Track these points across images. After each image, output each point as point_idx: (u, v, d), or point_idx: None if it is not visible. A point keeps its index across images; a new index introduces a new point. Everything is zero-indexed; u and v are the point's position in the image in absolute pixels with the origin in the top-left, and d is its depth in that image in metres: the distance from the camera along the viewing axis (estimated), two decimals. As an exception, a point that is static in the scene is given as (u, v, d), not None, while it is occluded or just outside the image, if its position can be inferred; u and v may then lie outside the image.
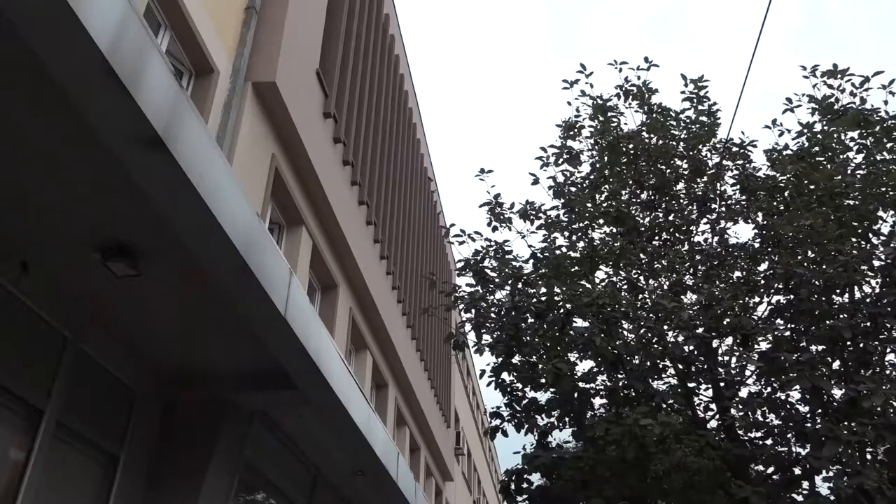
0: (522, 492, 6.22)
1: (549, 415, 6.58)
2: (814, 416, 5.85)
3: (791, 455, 6.08)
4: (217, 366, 6.41)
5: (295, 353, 5.62)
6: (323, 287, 11.52)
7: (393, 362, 14.75)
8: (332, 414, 6.82)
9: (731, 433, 6.02)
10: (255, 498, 7.90)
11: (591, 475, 5.82)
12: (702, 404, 6.81)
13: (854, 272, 5.90)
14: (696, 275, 7.76)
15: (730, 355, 6.78)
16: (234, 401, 6.65)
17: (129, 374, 5.97)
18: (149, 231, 4.51)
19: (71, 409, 5.23)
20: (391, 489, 9.29)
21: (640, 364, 6.39)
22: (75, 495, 5.41)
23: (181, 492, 6.16)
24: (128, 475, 5.83)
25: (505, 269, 7.01)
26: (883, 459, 5.68)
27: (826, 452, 4.76)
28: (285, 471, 8.55)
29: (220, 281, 4.75)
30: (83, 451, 5.46)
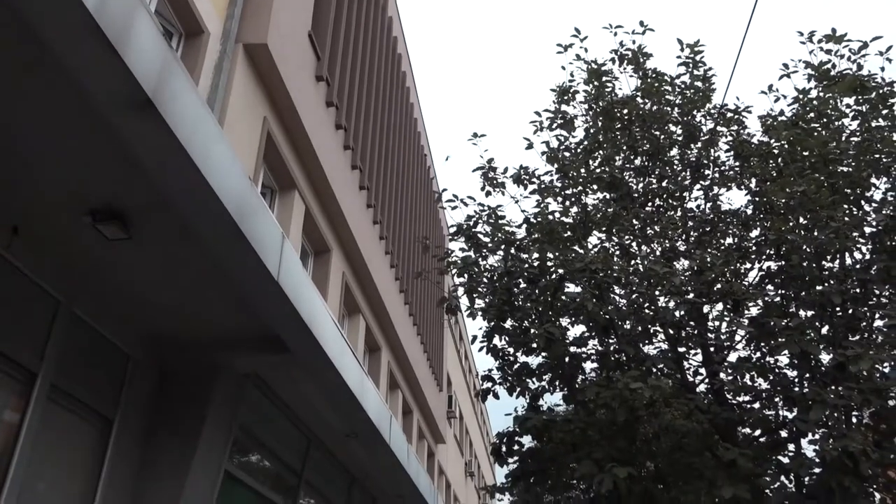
0: (513, 454, 6.31)
1: (541, 378, 6.64)
2: (801, 381, 5.93)
3: (778, 418, 6.18)
4: (210, 330, 6.43)
5: (287, 317, 5.64)
6: (315, 251, 11.51)
7: (386, 326, 14.82)
8: (325, 377, 6.87)
9: (720, 397, 6.11)
10: (249, 460, 7.99)
11: (581, 438, 5.91)
12: (691, 369, 6.90)
13: (845, 238, 5.93)
14: (689, 241, 7.79)
15: (720, 320, 6.84)
16: (228, 364, 6.68)
17: (123, 337, 5.98)
18: (140, 194, 4.48)
19: (65, 372, 5.25)
20: (384, 451, 9.41)
21: (632, 329, 6.44)
22: (71, 457, 5.45)
23: (176, 454, 6.22)
24: (122, 438, 5.88)
25: (498, 234, 7.02)
26: (868, 423, 5.78)
27: (813, 416, 4.84)
28: (279, 433, 8.63)
29: (212, 245, 4.74)
30: (78, 414, 5.50)
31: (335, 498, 10.85)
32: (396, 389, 16.37)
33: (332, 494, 10.74)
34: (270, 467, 8.61)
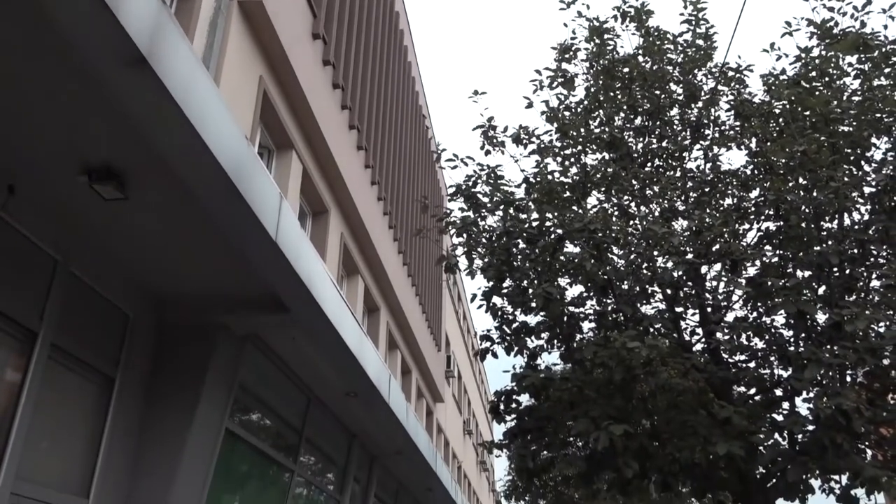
0: (511, 411, 6.39)
1: (539, 337, 6.69)
2: (797, 340, 5.97)
3: (773, 377, 6.24)
4: (210, 290, 6.44)
5: (286, 277, 5.65)
6: (314, 212, 11.48)
7: (384, 287, 14.87)
8: (325, 337, 6.92)
9: (716, 356, 6.16)
10: (250, 418, 8.08)
11: (578, 396, 5.97)
12: (688, 328, 6.94)
13: (844, 199, 5.92)
14: (688, 201, 7.77)
15: (718, 281, 6.87)
16: (228, 324, 6.72)
17: (122, 297, 6.00)
18: (136, 154, 4.45)
19: (65, 331, 5.28)
20: (383, 410, 9.52)
21: (630, 289, 6.47)
22: (73, 416, 5.51)
23: (177, 413, 6.29)
24: (123, 396, 5.94)
25: (497, 194, 6.99)
26: (862, 381, 5.84)
27: (807, 374, 4.89)
28: (279, 392, 8.72)
29: (210, 205, 4.72)
30: (79, 373, 5.54)
31: (335, 455, 11.02)
32: (395, 349, 16.50)
33: (332, 451, 10.90)
34: (271, 425, 8.72)
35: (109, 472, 5.72)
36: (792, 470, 4.83)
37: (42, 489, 5.02)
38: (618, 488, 6.16)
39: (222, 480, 7.25)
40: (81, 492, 5.47)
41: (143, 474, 6.05)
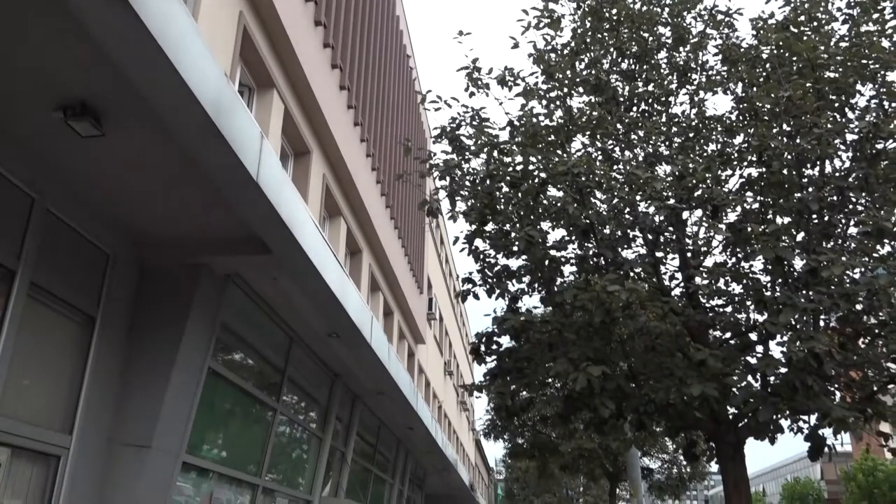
0: (492, 353, 6.48)
1: (520, 281, 6.74)
2: (774, 286, 6.07)
3: (749, 321, 6.36)
4: (190, 229, 6.40)
5: (268, 218, 5.61)
6: (295, 153, 11.34)
7: (367, 229, 14.84)
8: (307, 278, 6.92)
9: (694, 300, 6.25)
10: (232, 358, 8.14)
11: (557, 338, 6.06)
12: (668, 273, 7.02)
13: (827, 145, 5.93)
14: (672, 146, 7.76)
15: (699, 226, 6.92)
16: (209, 264, 6.70)
17: (101, 236, 5.95)
18: (112, 90, 4.35)
19: (43, 270, 5.24)
20: (365, 351, 9.62)
21: (611, 233, 6.50)
22: (54, 354, 5.52)
23: (159, 352, 6.31)
24: (105, 336, 5.95)
25: (481, 137, 6.93)
26: (835, 326, 5.97)
27: (782, 319, 4.99)
28: (262, 333, 8.77)
29: (189, 143, 4.65)
30: (59, 311, 5.53)
31: (317, 394, 11.17)
32: (377, 291, 16.58)
33: (314, 391, 11.05)
34: (253, 365, 8.80)
35: (92, 410, 5.77)
36: (763, 410, 4.97)
37: (25, 426, 5.06)
38: (594, 427, 6.31)
39: (205, 418, 7.34)
40: (65, 428, 5.52)
41: (127, 412, 6.11)
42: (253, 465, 8.68)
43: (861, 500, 36.87)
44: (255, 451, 8.79)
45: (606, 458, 15.36)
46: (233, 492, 8.21)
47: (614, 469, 16.10)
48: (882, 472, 36.38)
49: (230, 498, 8.11)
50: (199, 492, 7.48)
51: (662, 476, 17.61)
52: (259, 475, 8.74)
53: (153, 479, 6.15)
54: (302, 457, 10.77)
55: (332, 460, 11.98)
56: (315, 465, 10.97)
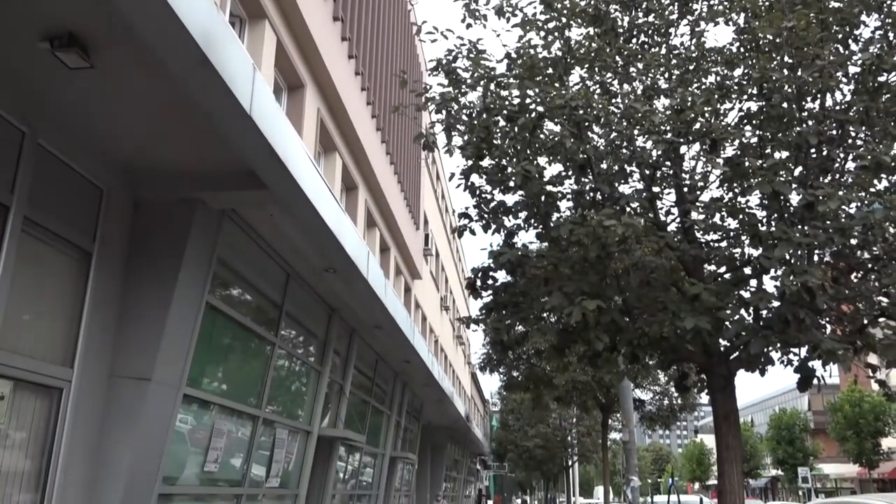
0: (488, 287, 6.52)
1: (517, 216, 6.73)
2: (769, 220, 6.07)
3: (743, 256, 6.39)
4: (185, 164, 6.34)
5: (262, 152, 5.56)
6: (289, 87, 11.15)
7: (362, 164, 14.73)
8: (303, 214, 6.91)
9: (690, 235, 6.26)
10: (230, 293, 8.19)
11: (553, 273, 6.09)
12: (664, 208, 7.01)
13: (829, 78, 5.85)
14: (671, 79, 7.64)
15: (696, 160, 6.87)
16: (205, 199, 6.66)
17: (94, 171, 5.90)
18: (100, 20, 4.23)
19: (37, 204, 5.21)
20: (362, 286, 9.68)
21: (608, 168, 6.46)
22: (52, 289, 5.54)
23: (157, 287, 6.34)
24: (102, 271, 5.96)
25: (478, 70, 6.80)
26: (829, 261, 6.00)
27: (777, 253, 5.01)
28: (259, 268, 8.80)
29: (180, 75, 4.55)
30: (54, 247, 5.52)
31: (315, 329, 11.30)
32: (374, 227, 16.58)
33: (312, 325, 11.17)
34: (251, 300, 8.86)
35: (92, 343, 5.83)
36: (755, 342, 5.04)
37: (26, 359, 5.12)
38: (588, 360, 6.41)
39: (205, 352, 7.43)
40: (66, 362, 5.59)
41: (126, 345, 6.18)
42: (253, 398, 8.85)
43: (846, 430, 37.90)
44: (255, 384, 8.94)
45: (599, 390, 15.69)
46: (234, 423, 8.39)
47: (606, 401, 16.46)
48: (868, 403, 37.30)
49: (231, 429, 8.29)
50: (200, 423, 7.64)
51: (654, 407, 18.03)
52: (259, 407, 8.91)
53: (155, 411, 6.27)
54: (301, 389, 10.97)
55: (331, 393, 12.22)
56: (314, 398, 11.18)
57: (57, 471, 5.39)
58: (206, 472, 7.71)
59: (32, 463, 5.27)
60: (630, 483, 12.45)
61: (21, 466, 5.17)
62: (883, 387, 5.84)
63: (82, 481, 5.75)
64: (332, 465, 12.45)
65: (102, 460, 5.92)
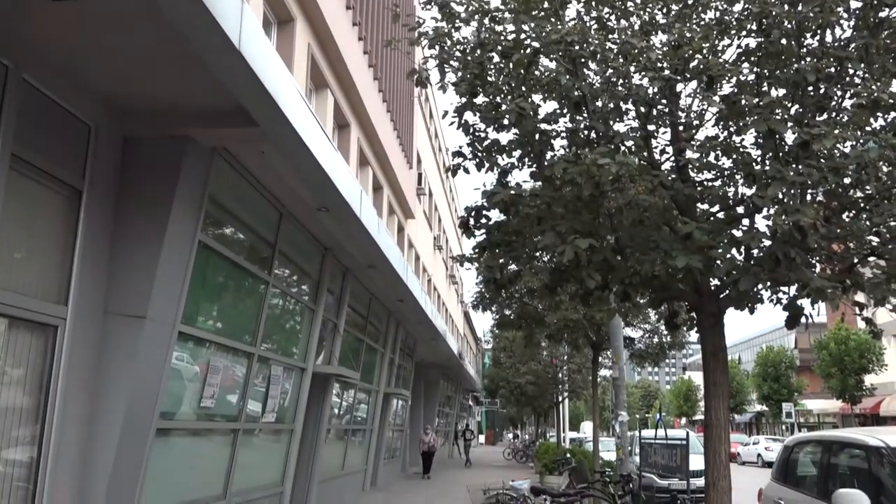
0: (481, 226, 6.51)
1: (510, 155, 6.66)
2: (764, 160, 6.04)
3: (737, 195, 6.38)
4: (174, 101, 6.24)
5: (252, 89, 5.46)
6: (279, 21, 10.88)
7: (355, 102, 14.51)
8: (294, 152, 6.84)
9: (684, 174, 6.24)
10: (223, 232, 8.18)
11: (546, 212, 6.07)
12: (659, 147, 6.96)
13: (830, 13, 5.73)
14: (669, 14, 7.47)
15: (692, 98, 6.79)
16: (195, 136, 6.58)
17: (82, 107, 5.79)
18: (79, -53, 4.09)
19: (24, 141, 5.14)
20: (355, 224, 9.67)
21: (604, 106, 6.37)
22: (43, 227, 5.52)
23: (149, 225, 6.32)
24: (93, 210, 5.92)
25: (472, 4, 6.64)
26: (821, 200, 6.01)
27: (770, 192, 5.00)
28: (251, 207, 8.77)
29: (166, 8, 4.43)
30: (44, 184, 5.47)
31: (309, 268, 11.34)
32: (366, 166, 16.46)
33: (305, 264, 11.20)
34: (244, 239, 8.86)
35: (86, 281, 5.84)
36: (745, 281, 5.08)
37: (20, 297, 5.13)
38: (580, 299, 6.46)
39: (199, 291, 7.47)
40: (60, 299, 5.61)
41: (120, 283, 6.19)
42: (248, 336, 8.93)
43: (831, 367, 38.71)
44: (250, 322, 9.02)
45: (590, 328, 15.88)
46: (229, 360, 8.49)
47: (597, 339, 16.69)
48: (854, 341, 38.00)
49: (227, 366, 8.40)
50: (196, 360, 7.73)
51: (643, 345, 18.30)
52: (254, 345, 9.01)
53: (150, 348, 6.33)
54: (295, 328, 11.07)
55: (325, 331, 12.35)
56: (308, 336, 11.31)
57: (55, 407, 5.47)
58: (202, 408, 7.85)
59: (31, 399, 5.35)
60: (619, 418, 12.73)
61: (20, 402, 5.24)
62: (869, 324, 5.93)
63: (81, 417, 5.84)
64: (327, 402, 12.69)
65: (100, 396, 6.01)
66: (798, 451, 7.55)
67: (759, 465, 34.22)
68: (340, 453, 15.04)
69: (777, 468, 7.77)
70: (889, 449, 5.66)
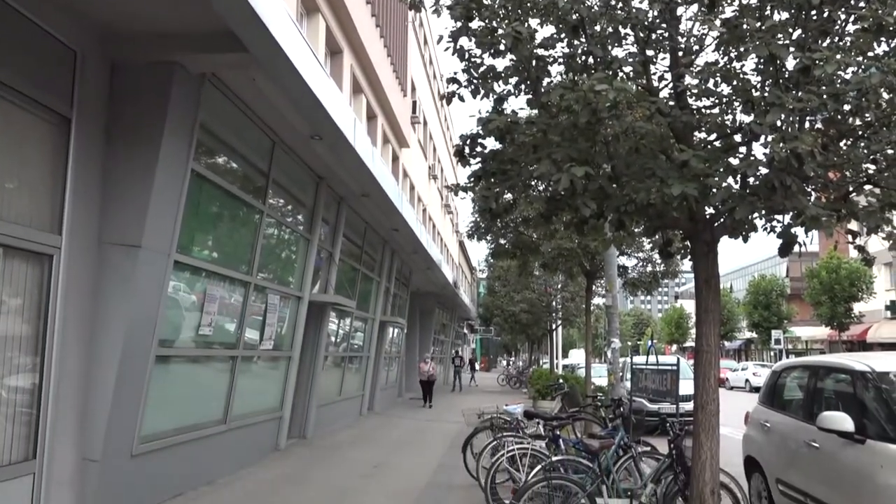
0: (476, 155, 6.44)
1: (507, 82, 6.53)
2: (764, 86, 5.95)
3: (735, 122, 6.30)
4: (162, 25, 6.08)
5: (241, 12, 5.31)
6: (267, -60, 10.48)
7: (347, 28, 14.14)
8: (285, 78, 6.70)
9: (682, 101, 6.14)
10: (216, 161, 8.10)
11: (542, 140, 6.00)
12: (657, 73, 6.83)
13: (836, -68, 5.54)
14: (671, -66, 7.22)
15: (693, 22, 6.62)
16: (183, 63, 6.44)
17: (67, 32, 5.64)
18: None
19: (8, 67, 5.02)
20: (349, 153, 9.58)
21: (602, 30, 6.22)
22: (33, 155, 5.44)
23: (139, 154, 6.25)
24: (82, 138, 5.84)
25: (466, -78, 6.38)
26: (820, 127, 5.94)
27: (769, 119, 4.93)
28: (243, 135, 8.66)
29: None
30: (31, 112, 5.37)
31: (303, 197, 11.29)
32: (360, 94, 16.18)
33: (299, 194, 11.15)
34: (237, 168, 8.78)
35: (79, 210, 5.81)
36: (740, 208, 5.07)
37: (13, 225, 5.11)
38: (575, 228, 6.46)
39: (194, 220, 7.45)
40: (53, 228, 5.59)
41: (114, 213, 6.17)
42: (244, 265, 8.96)
43: (821, 295, 39.24)
44: (245, 251, 9.04)
45: (585, 257, 15.97)
46: (226, 289, 8.54)
47: (591, 267, 16.80)
48: (845, 269, 38.40)
49: (224, 295, 8.46)
50: (193, 289, 7.78)
51: (637, 274, 18.44)
52: (250, 274, 9.05)
53: (146, 277, 6.35)
54: (291, 257, 11.11)
55: (321, 260, 12.39)
56: (304, 265, 11.36)
57: (54, 335, 5.52)
58: (201, 336, 7.94)
59: (30, 327, 5.39)
60: (611, 344, 12.95)
61: (20, 331, 5.29)
62: (862, 252, 5.97)
63: (80, 345, 5.91)
64: (324, 329, 12.86)
65: (98, 325, 6.06)
66: (785, 377, 7.72)
67: (746, 390, 35.09)
68: (338, 380, 15.34)
69: (764, 392, 7.96)
70: (875, 373, 5.78)
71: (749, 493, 7.54)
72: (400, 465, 10.33)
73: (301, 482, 8.64)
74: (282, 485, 8.42)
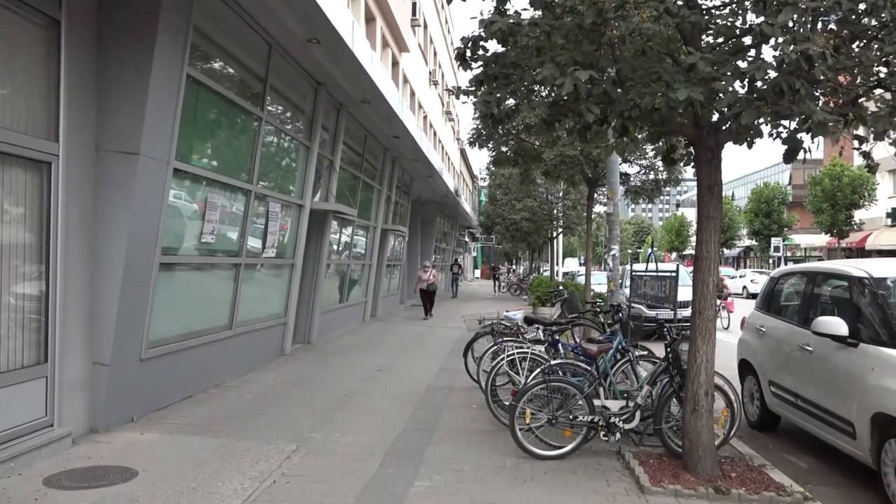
0: (478, 58, 6.28)
1: (509, -20, 6.30)
2: (776, -16, 5.72)
3: (745, 24, 6.10)
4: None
5: None
6: None
7: (343, -77, 13.51)
8: (281, -23, 6.45)
9: (691, 0, 5.93)
10: (212, 66, 7.91)
11: (546, 42, 5.83)
12: (667, -29, 6.56)
13: None
14: None
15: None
16: (173, -39, 6.18)
17: (48, -73, 5.38)
18: None
19: (-8, -34, 4.81)
20: (347, 58, 9.35)
21: (609, -76, 5.93)
22: (24, 61, 5.30)
23: (133, 57, 6.09)
24: (74, 42, 5.67)
25: None
26: (833, 28, 5.76)
27: (781, 19, 4.77)
28: (240, 40, 8.42)
29: None
30: (18, 13, 5.20)
31: (302, 104, 11.09)
32: (358, -6, 15.63)
33: (298, 100, 10.95)
34: (234, 73, 8.59)
35: (74, 117, 5.72)
36: (747, 113, 4.98)
37: (8, 132, 5.04)
38: (577, 134, 6.37)
39: (192, 127, 7.34)
40: (49, 136, 5.52)
41: (111, 120, 6.07)
42: (244, 173, 8.91)
43: (823, 202, 39.17)
44: (245, 159, 8.96)
45: (587, 164, 15.84)
46: (227, 198, 8.53)
47: (593, 175, 16.71)
48: (847, 177, 38.18)
49: (225, 203, 8.45)
50: (194, 197, 7.77)
51: (639, 181, 18.35)
52: (251, 182, 9.02)
53: (146, 185, 6.32)
54: (291, 165, 11.03)
55: (321, 168, 12.31)
56: (304, 173, 11.29)
57: (58, 243, 5.55)
58: (203, 244, 7.99)
59: (33, 236, 5.41)
60: (611, 252, 13.03)
61: (23, 239, 5.31)
62: (867, 158, 5.90)
63: (83, 253, 5.95)
64: (326, 237, 12.92)
65: (101, 233, 6.09)
66: (783, 283, 7.80)
67: (744, 296, 35.60)
68: (341, 287, 15.55)
69: (762, 298, 8.06)
70: (872, 279, 5.84)
71: (742, 395, 7.77)
72: (403, 368, 10.61)
73: (306, 385, 8.89)
74: (287, 387, 8.68)
